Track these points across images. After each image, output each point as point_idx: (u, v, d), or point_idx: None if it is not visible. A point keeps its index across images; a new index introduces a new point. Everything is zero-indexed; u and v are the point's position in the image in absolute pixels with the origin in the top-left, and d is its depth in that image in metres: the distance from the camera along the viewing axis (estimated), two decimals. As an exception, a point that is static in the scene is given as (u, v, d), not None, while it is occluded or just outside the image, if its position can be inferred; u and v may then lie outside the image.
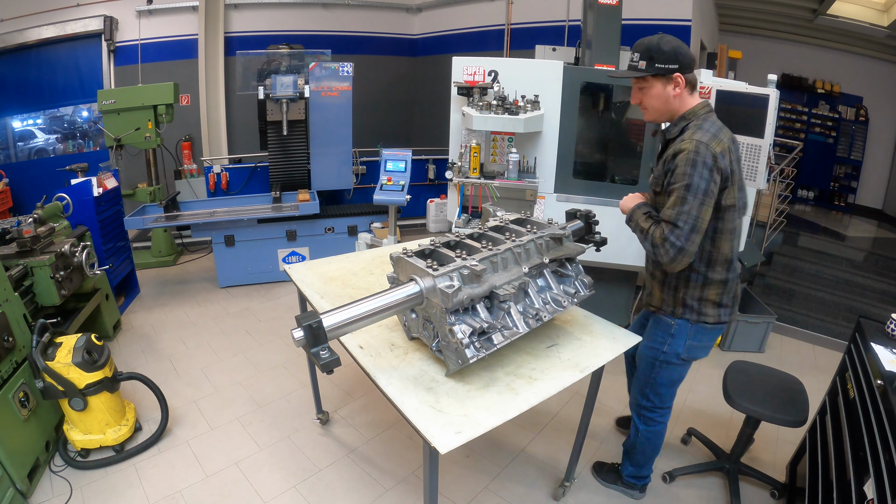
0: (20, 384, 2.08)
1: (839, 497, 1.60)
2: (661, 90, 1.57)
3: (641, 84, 1.60)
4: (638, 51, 1.55)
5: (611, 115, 3.42)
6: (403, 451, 2.45)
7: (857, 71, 6.99)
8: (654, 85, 1.58)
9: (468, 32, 6.66)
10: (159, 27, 5.82)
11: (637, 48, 1.56)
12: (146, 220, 4.01)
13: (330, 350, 1.20)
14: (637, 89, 1.62)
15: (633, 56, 1.56)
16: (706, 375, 3.19)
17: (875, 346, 1.73)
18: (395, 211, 4.24)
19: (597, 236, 1.92)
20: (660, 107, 1.61)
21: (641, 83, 1.60)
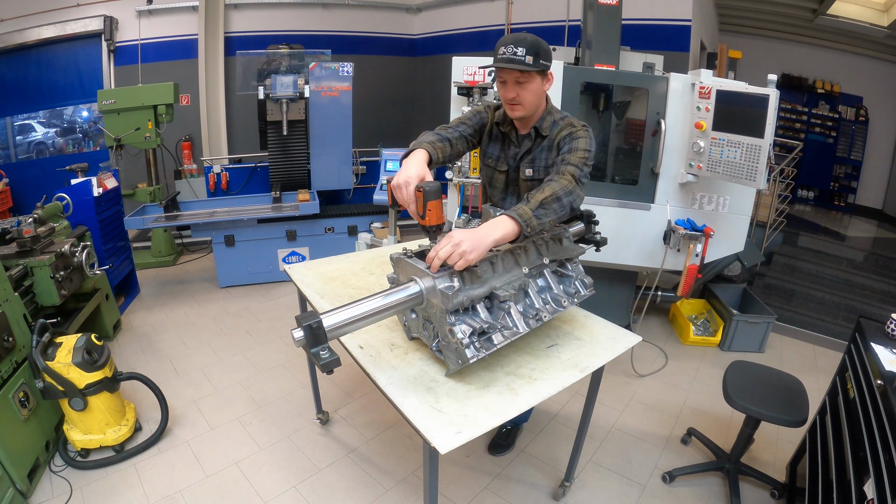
0: (20, 384, 2.09)
1: (839, 497, 1.60)
2: (538, 86, 1.63)
3: (523, 78, 1.58)
4: (522, 45, 1.53)
5: (611, 115, 3.42)
6: (403, 451, 2.45)
7: (857, 71, 6.99)
8: (534, 80, 1.60)
9: (468, 32, 6.65)
10: (159, 27, 5.82)
11: (520, 43, 1.53)
12: (146, 220, 4.01)
13: (330, 350, 1.20)
14: (514, 83, 1.60)
15: (517, 50, 1.53)
16: (706, 375, 3.20)
17: (875, 346, 1.73)
18: (395, 211, 4.24)
19: (597, 236, 1.92)
20: (534, 104, 1.66)
21: (523, 77, 1.58)
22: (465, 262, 1.30)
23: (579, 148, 1.62)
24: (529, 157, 1.76)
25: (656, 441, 2.59)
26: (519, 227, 1.38)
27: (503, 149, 1.82)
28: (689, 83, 2.81)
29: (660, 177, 2.95)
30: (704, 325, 3.83)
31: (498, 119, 1.80)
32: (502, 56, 1.55)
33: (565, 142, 1.65)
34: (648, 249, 3.07)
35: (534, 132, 1.73)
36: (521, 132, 1.77)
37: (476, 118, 1.82)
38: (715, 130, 2.68)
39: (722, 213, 2.97)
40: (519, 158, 1.78)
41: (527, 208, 1.42)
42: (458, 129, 1.77)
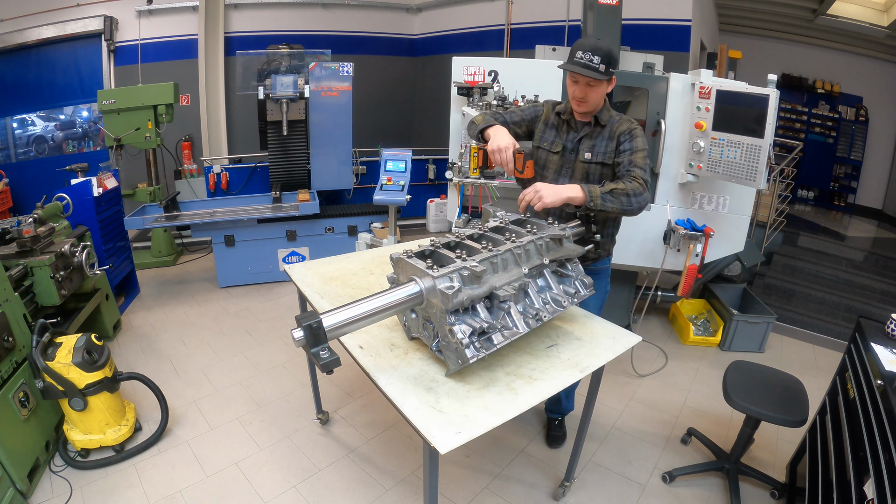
0: (20, 384, 2.09)
1: (839, 497, 1.60)
2: (604, 89, 1.84)
3: (593, 83, 1.79)
4: (598, 54, 1.73)
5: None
6: (403, 451, 2.45)
7: (857, 71, 6.99)
8: (601, 85, 1.81)
9: (468, 32, 6.66)
10: (159, 27, 5.82)
11: (597, 52, 1.73)
12: (146, 220, 4.01)
13: (330, 350, 1.20)
14: (585, 85, 1.80)
15: (594, 58, 1.73)
16: (706, 375, 3.20)
17: (875, 346, 1.73)
18: (395, 211, 4.24)
19: (597, 236, 1.92)
20: (598, 102, 1.88)
21: (594, 82, 1.79)
22: (542, 204, 1.67)
23: (639, 148, 1.86)
24: (590, 143, 1.93)
25: (656, 441, 2.59)
26: (584, 197, 1.69)
27: (559, 134, 2.00)
28: (689, 83, 2.81)
29: (660, 177, 2.96)
30: (704, 325, 3.83)
31: (559, 110, 2.00)
32: (579, 60, 1.75)
33: (625, 137, 1.87)
34: (648, 249, 3.07)
35: (594, 120, 1.93)
36: (581, 120, 1.96)
37: (531, 110, 2.08)
38: (715, 130, 2.68)
39: (722, 213, 2.97)
40: (578, 141, 1.95)
41: (598, 189, 1.72)
42: (514, 114, 2.05)
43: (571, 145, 1.97)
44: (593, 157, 1.92)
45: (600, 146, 1.92)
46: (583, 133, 1.94)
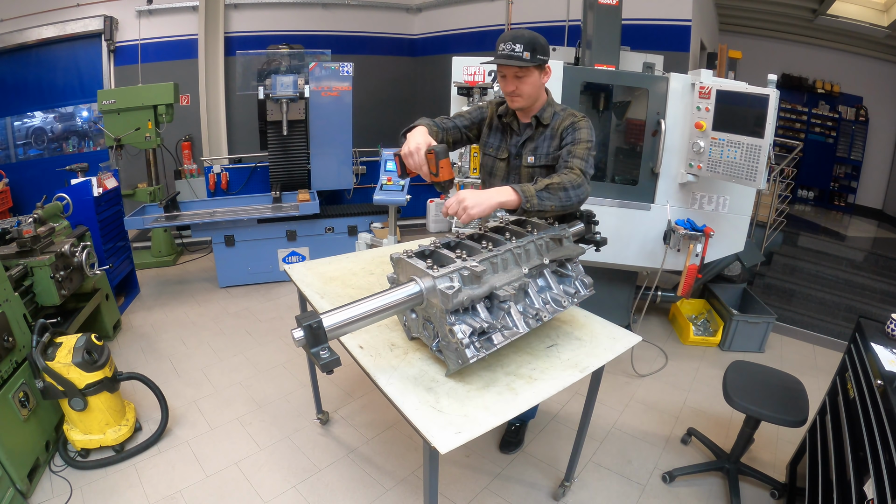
0: (20, 384, 2.09)
1: (839, 497, 1.60)
2: (536, 80, 1.72)
3: (521, 73, 1.69)
4: (520, 42, 1.63)
5: (611, 115, 3.42)
6: (403, 451, 2.45)
7: (857, 71, 6.99)
8: (531, 74, 1.70)
9: (468, 32, 6.65)
10: (159, 27, 5.82)
11: (518, 40, 1.63)
12: (146, 220, 4.01)
13: (330, 350, 1.20)
14: (513, 77, 1.70)
15: (515, 46, 1.63)
16: (706, 375, 3.20)
17: (875, 346, 1.73)
18: (395, 211, 4.24)
19: (597, 236, 1.92)
20: (533, 95, 1.76)
21: (521, 72, 1.68)
22: (468, 216, 1.46)
23: (582, 139, 1.72)
24: (532, 145, 1.83)
25: (656, 441, 2.59)
26: (518, 199, 1.50)
27: (504, 139, 1.91)
28: (689, 83, 2.81)
29: (660, 177, 2.96)
30: (704, 325, 3.83)
31: (501, 112, 1.88)
32: (501, 52, 1.65)
33: (568, 132, 1.76)
34: (648, 249, 3.07)
35: (534, 121, 1.82)
36: (522, 121, 1.86)
37: (476, 112, 1.95)
38: (715, 130, 2.68)
39: (722, 213, 2.97)
40: (520, 145, 1.86)
41: (531, 187, 1.54)
42: (453, 120, 1.90)
43: (515, 150, 1.87)
44: (536, 161, 1.82)
45: (542, 147, 1.81)
46: (525, 136, 1.84)
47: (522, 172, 1.86)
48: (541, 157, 1.82)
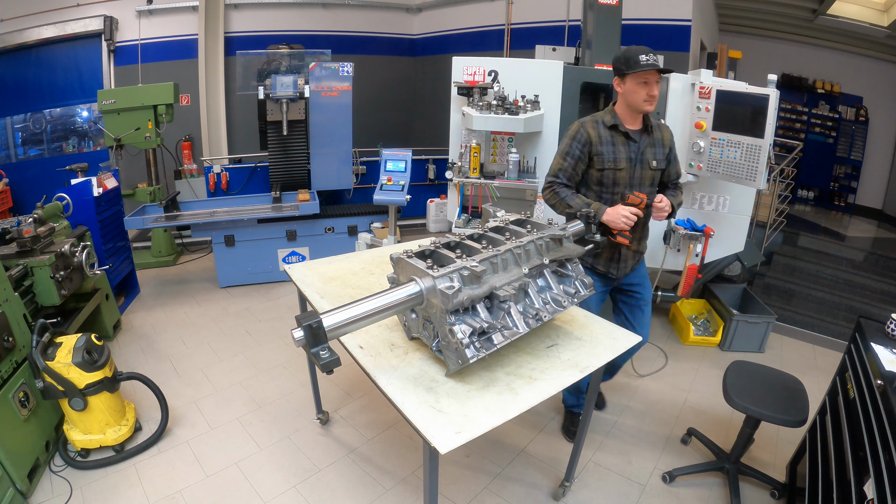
0: (20, 384, 2.09)
1: (839, 497, 1.60)
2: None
3: (659, 78, 1.94)
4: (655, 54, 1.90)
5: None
6: (403, 451, 2.45)
7: (857, 71, 6.99)
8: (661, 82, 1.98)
9: (468, 32, 6.66)
10: (159, 27, 5.82)
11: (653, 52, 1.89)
12: (146, 220, 4.01)
13: (330, 350, 1.20)
14: (655, 83, 1.93)
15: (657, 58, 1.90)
16: (706, 375, 3.20)
17: (875, 346, 1.73)
18: (395, 211, 4.24)
19: (597, 237, 1.92)
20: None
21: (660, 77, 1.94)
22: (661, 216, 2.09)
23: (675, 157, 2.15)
24: (652, 150, 2.06)
25: (656, 441, 2.59)
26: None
27: (616, 149, 2.03)
28: (689, 83, 2.81)
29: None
30: (704, 325, 3.83)
31: (611, 123, 2.02)
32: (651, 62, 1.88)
33: (671, 143, 2.11)
34: (648, 249, 3.07)
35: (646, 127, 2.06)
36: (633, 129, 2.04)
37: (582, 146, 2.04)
38: (715, 130, 2.69)
39: (722, 213, 2.97)
40: (642, 151, 2.05)
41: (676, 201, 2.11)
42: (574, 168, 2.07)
43: (636, 155, 2.03)
44: (658, 164, 2.07)
45: (659, 152, 2.07)
46: (644, 142, 2.04)
47: (646, 175, 2.07)
48: (661, 161, 2.07)
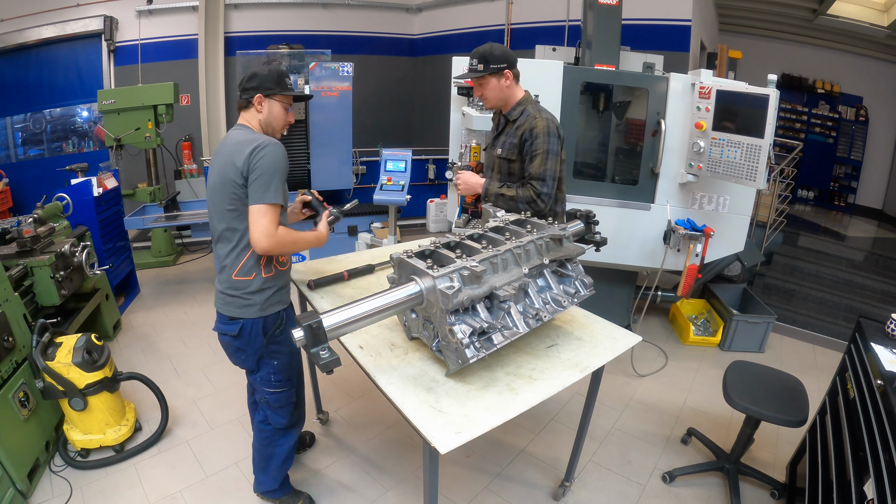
0: (20, 384, 2.09)
1: (839, 497, 1.60)
2: (495, 84, 2.00)
3: (481, 82, 2.01)
4: (475, 57, 1.97)
5: (611, 115, 3.42)
6: (403, 451, 2.45)
7: (857, 71, 6.99)
8: (488, 81, 1.99)
9: (468, 32, 6.65)
10: (159, 27, 5.82)
11: (474, 55, 1.97)
12: (146, 220, 4.01)
13: (330, 350, 1.20)
14: (477, 85, 2.04)
15: (473, 62, 1.97)
16: (706, 375, 3.20)
17: (875, 346, 1.73)
18: (395, 211, 4.24)
19: (597, 236, 1.92)
20: (495, 96, 2.04)
21: (480, 80, 2.01)
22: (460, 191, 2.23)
23: (537, 152, 1.97)
24: (502, 139, 2.12)
25: (656, 441, 2.59)
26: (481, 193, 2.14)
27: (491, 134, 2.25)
28: (689, 83, 2.81)
29: (660, 177, 2.96)
30: (704, 325, 3.83)
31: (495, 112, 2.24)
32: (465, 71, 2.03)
33: (527, 138, 2.00)
34: (648, 249, 3.07)
35: (504, 118, 2.12)
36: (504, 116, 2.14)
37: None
38: (715, 130, 2.68)
39: (722, 213, 2.97)
40: (494, 138, 2.19)
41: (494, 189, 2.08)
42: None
43: (490, 141, 2.23)
44: (503, 152, 2.09)
45: (508, 141, 2.08)
46: (499, 130, 2.15)
47: (495, 162, 2.17)
48: (505, 149, 2.08)
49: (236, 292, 1.68)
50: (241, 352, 1.78)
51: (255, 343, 1.75)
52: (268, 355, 1.80)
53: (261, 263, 1.68)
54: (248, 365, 1.82)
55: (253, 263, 1.67)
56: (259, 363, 1.81)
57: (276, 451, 1.96)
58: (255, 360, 1.80)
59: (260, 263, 1.68)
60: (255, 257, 1.66)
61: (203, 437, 2.50)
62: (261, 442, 1.98)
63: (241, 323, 1.71)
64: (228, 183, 1.58)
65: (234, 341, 1.75)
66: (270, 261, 1.70)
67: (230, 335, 1.74)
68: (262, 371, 1.82)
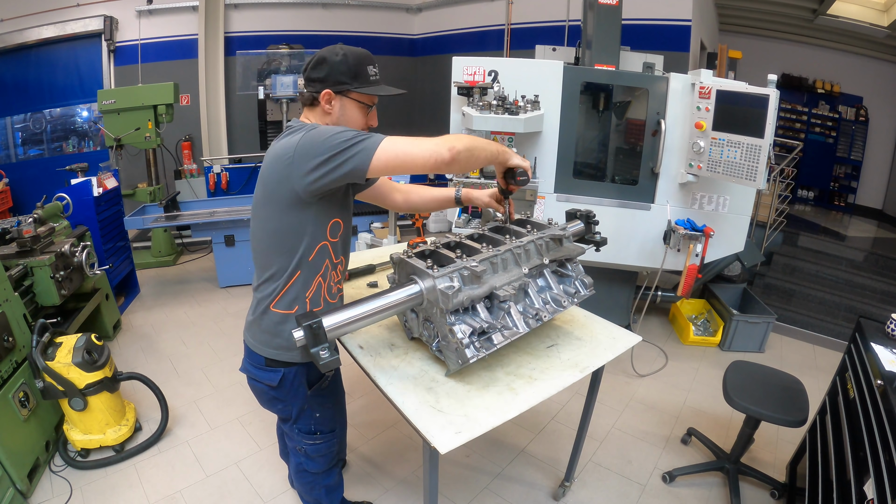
0: (20, 384, 2.09)
1: (839, 497, 1.60)
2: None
3: None
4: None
5: (611, 115, 3.42)
6: (403, 451, 2.45)
7: (857, 71, 6.99)
8: None
9: (468, 32, 6.65)
10: (159, 27, 5.82)
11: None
12: (146, 220, 4.01)
13: (330, 350, 1.20)
14: None
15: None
16: (706, 375, 3.20)
17: (875, 346, 1.73)
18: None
19: (597, 236, 1.92)
20: None
21: None
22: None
23: None
24: None
25: (656, 441, 2.59)
26: None
27: None
28: (689, 83, 2.80)
29: (660, 177, 2.96)
30: (704, 325, 3.83)
31: None
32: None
33: None
34: (648, 249, 3.07)
35: None
36: None
37: None
38: (715, 130, 2.68)
39: (722, 213, 2.97)
40: None
41: None
42: None
43: None
44: None
45: None
46: None
47: None
48: None
49: (275, 327, 1.38)
50: (279, 402, 1.49)
51: (298, 395, 1.46)
52: (311, 407, 1.51)
53: (307, 295, 1.36)
54: (285, 415, 1.53)
55: (297, 293, 1.35)
56: (299, 415, 1.52)
57: (321, 490, 1.73)
58: (294, 412, 1.51)
59: (306, 295, 1.36)
60: (300, 286, 1.35)
61: (203, 437, 2.50)
62: (303, 487, 1.76)
63: (283, 372, 1.40)
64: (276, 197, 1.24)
65: (272, 391, 1.45)
66: (320, 292, 1.39)
67: (267, 384, 1.43)
68: (301, 422, 1.53)
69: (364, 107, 1.39)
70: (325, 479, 1.71)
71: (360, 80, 1.34)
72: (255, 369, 1.45)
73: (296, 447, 1.61)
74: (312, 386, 1.47)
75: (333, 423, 1.61)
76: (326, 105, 1.34)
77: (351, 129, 1.19)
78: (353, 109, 1.36)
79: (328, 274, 1.40)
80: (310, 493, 1.75)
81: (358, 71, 1.34)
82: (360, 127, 1.38)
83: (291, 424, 1.55)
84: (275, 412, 1.58)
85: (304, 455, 1.61)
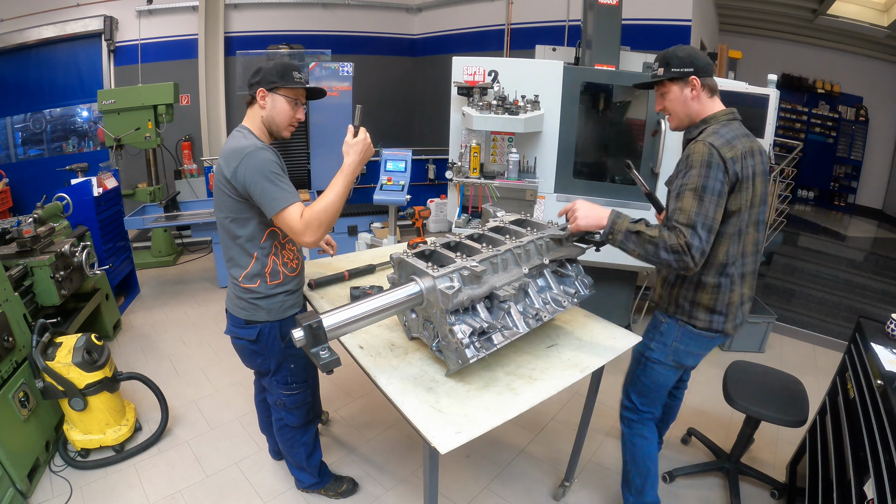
0: (20, 384, 2.09)
1: (839, 497, 1.60)
2: (678, 93, 1.58)
3: (662, 90, 1.61)
4: (657, 60, 1.60)
5: (611, 115, 3.42)
6: (403, 451, 2.45)
7: (857, 71, 6.99)
8: (671, 89, 1.58)
9: (468, 32, 6.66)
10: (159, 27, 5.82)
11: (656, 59, 1.60)
12: (146, 220, 4.01)
13: (330, 350, 1.20)
14: (659, 96, 1.64)
15: (654, 65, 1.60)
16: (706, 375, 3.19)
17: (875, 346, 1.73)
18: (395, 211, 4.24)
19: (597, 236, 1.92)
20: (680, 110, 1.60)
21: (662, 89, 1.61)
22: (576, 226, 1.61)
23: (686, 188, 1.44)
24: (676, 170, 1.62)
25: (656, 441, 2.58)
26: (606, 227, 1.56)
27: None
28: (689, 83, 2.80)
29: (660, 177, 2.96)
30: (704, 325, 3.82)
31: None
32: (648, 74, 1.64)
33: (682, 165, 1.50)
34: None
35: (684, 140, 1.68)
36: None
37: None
38: (715, 130, 2.68)
39: (722, 213, 2.97)
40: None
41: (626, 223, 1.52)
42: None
43: None
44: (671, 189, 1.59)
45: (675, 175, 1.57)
46: None
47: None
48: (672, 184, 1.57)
49: (246, 296, 1.67)
50: (258, 355, 1.77)
51: (274, 348, 1.74)
52: (286, 359, 1.78)
53: (265, 271, 1.65)
54: (265, 368, 1.81)
55: (257, 271, 1.64)
56: (277, 368, 1.80)
57: (301, 448, 1.99)
58: (273, 364, 1.78)
59: (265, 271, 1.65)
60: (259, 265, 1.64)
61: (203, 437, 2.50)
62: (285, 444, 2.01)
63: (259, 328, 1.69)
64: (222, 192, 1.57)
65: (251, 345, 1.74)
66: (276, 268, 1.67)
67: (247, 339, 1.72)
68: (279, 374, 1.81)
69: (291, 101, 1.65)
70: (303, 436, 1.97)
71: (286, 80, 1.59)
72: (237, 328, 1.73)
73: (276, 401, 1.90)
74: (285, 339, 1.72)
75: (306, 374, 1.88)
76: (262, 101, 1.62)
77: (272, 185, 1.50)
78: (282, 104, 1.62)
79: (280, 252, 1.69)
80: (291, 453, 2.02)
81: (284, 73, 1.60)
82: (289, 118, 1.67)
83: (270, 378, 1.83)
84: (255, 367, 1.87)
85: (283, 408, 1.89)
